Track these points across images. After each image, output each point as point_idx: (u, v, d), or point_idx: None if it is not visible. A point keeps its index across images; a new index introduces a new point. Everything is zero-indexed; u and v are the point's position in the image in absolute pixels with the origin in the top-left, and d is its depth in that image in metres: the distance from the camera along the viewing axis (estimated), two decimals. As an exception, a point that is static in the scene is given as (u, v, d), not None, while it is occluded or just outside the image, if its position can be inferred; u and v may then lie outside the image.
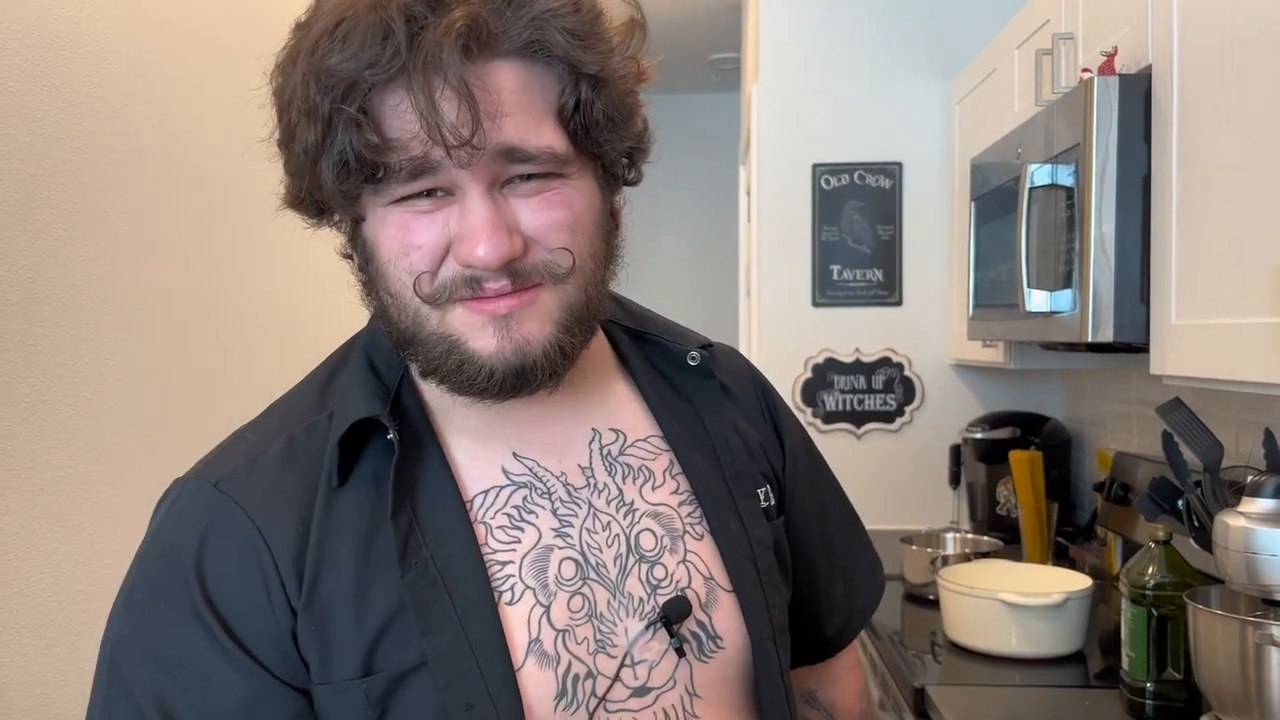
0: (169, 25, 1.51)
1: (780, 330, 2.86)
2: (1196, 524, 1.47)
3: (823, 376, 2.86)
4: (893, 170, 2.84)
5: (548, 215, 0.71)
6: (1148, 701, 1.51)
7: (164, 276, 1.49)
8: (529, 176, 0.70)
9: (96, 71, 1.34)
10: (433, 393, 0.78)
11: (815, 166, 2.86)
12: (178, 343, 1.51)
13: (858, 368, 2.87)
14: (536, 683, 0.72)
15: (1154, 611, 1.49)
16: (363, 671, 0.71)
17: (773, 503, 0.88)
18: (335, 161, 0.67)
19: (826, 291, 2.87)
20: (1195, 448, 1.44)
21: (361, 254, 0.74)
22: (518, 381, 0.72)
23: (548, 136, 0.70)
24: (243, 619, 0.71)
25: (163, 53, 1.49)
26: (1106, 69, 1.50)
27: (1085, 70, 1.59)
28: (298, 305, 1.90)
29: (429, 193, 0.70)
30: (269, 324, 1.80)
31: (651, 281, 4.85)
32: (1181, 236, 1.34)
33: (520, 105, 0.69)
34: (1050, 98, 1.72)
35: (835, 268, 2.86)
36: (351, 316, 0.86)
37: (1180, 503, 1.51)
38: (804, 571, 0.93)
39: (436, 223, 0.70)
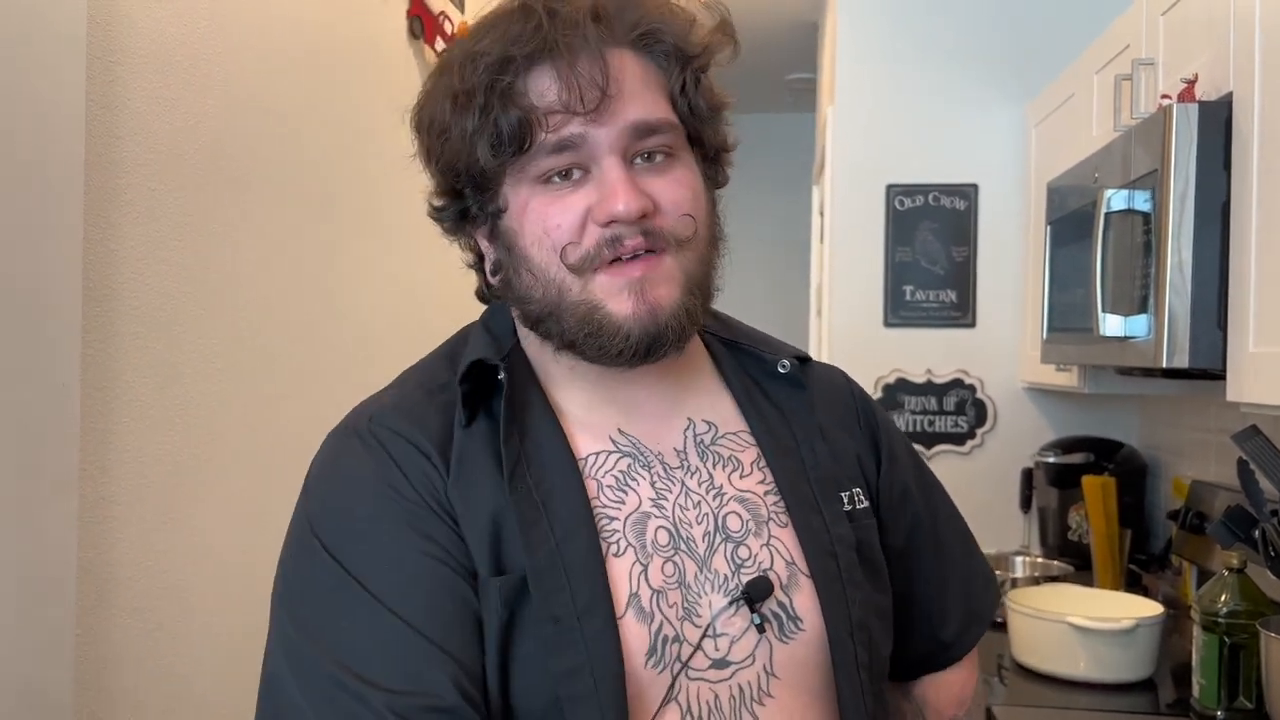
0: (276, 51, 1.60)
1: (851, 350, 2.86)
2: (1273, 553, 1.46)
3: (893, 397, 2.86)
4: (968, 192, 2.84)
5: (673, 186, 0.81)
6: (1218, 730, 1.50)
7: (268, 286, 1.57)
8: (650, 156, 0.81)
9: (204, 93, 1.43)
10: (544, 365, 0.86)
11: (889, 187, 2.87)
12: (279, 348, 1.59)
13: (929, 389, 2.86)
14: (633, 635, 0.78)
15: (1226, 639, 1.48)
16: (496, 571, 0.78)
17: (860, 505, 0.91)
18: (491, 134, 0.78)
19: (899, 312, 2.88)
20: (1272, 476, 1.43)
21: (502, 246, 0.83)
22: (651, 345, 0.80)
23: (666, 111, 0.82)
24: (430, 499, 0.79)
25: (270, 76, 1.58)
26: (1186, 96, 1.51)
27: (1165, 97, 1.60)
28: (393, 317, 1.97)
29: (567, 175, 0.79)
30: (370, 335, 1.87)
31: (721, 299, 4.86)
32: (1260, 263, 1.33)
33: (641, 87, 0.81)
34: (1129, 123, 1.72)
35: (908, 288, 2.87)
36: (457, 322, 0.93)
37: (1256, 531, 1.50)
38: (916, 571, 0.96)
39: (575, 201, 0.80)
